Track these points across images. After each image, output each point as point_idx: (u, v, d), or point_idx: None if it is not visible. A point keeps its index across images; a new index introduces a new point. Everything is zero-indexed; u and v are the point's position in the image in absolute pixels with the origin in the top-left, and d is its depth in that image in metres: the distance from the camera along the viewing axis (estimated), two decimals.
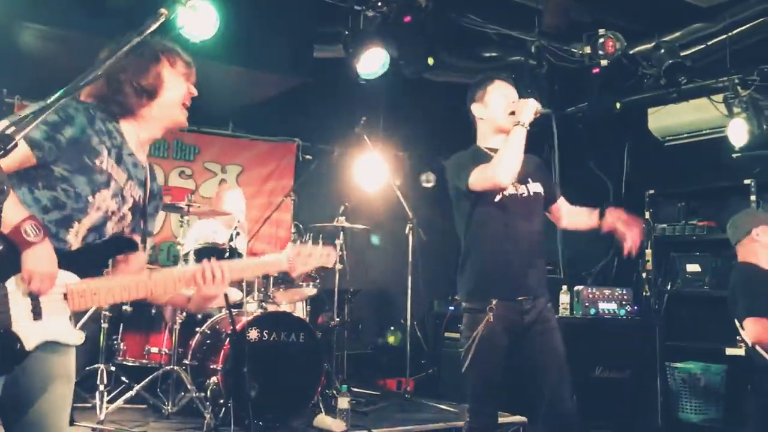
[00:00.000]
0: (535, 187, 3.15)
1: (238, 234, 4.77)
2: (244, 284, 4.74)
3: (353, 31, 5.05)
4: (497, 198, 3.01)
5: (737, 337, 5.68)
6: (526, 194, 3.10)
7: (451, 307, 6.67)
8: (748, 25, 5.44)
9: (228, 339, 4.19)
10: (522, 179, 3.08)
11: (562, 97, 5.90)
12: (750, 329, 3.70)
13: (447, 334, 6.24)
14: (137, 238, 2.21)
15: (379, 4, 4.97)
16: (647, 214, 6.31)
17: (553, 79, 5.81)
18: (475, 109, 3.22)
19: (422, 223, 5.77)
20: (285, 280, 4.91)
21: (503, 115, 3.11)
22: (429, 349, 6.44)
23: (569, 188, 3.42)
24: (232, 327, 4.17)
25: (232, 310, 4.39)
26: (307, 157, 6.37)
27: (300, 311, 5.19)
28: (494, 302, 2.92)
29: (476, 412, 2.99)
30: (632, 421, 5.36)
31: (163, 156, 6.13)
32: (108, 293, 2.00)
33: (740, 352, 5.53)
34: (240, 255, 4.70)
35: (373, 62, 5.05)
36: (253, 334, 4.28)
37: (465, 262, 3.09)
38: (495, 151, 3.07)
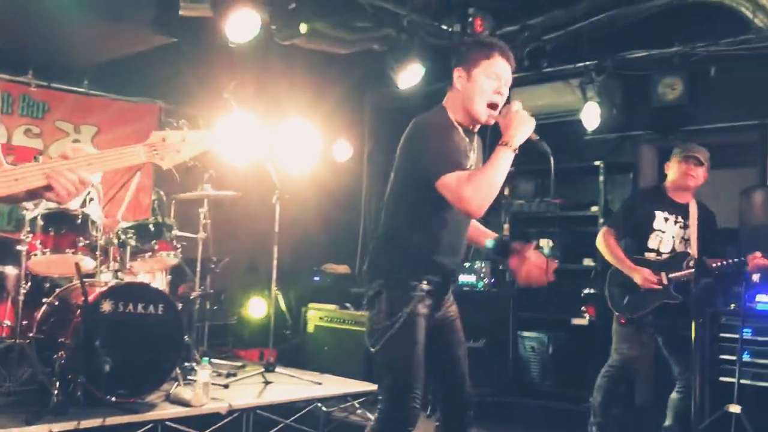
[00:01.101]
0: None
1: (92, 200, 4.44)
2: (98, 252, 4.42)
3: None
4: None
5: (581, 308, 6.07)
6: None
7: (316, 278, 6.64)
8: (603, 15, 5.71)
9: (79, 311, 3.90)
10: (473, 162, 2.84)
11: (432, 71, 5.93)
12: (598, 237, 4.42)
13: (311, 305, 6.20)
14: None
15: None
16: (506, 191, 6.53)
17: (424, 54, 5.82)
18: (457, 75, 2.79)
19: (289, 192, 5.62)
20: (143, 249, 4.63)
21: (481, 104, 2.73)
22: (293, 320, 6.36)
23: None
24: (83, 298, 3.89)
25: (84, 280, 4.10)
26: (170, 120, 6.00)
27: (159, 281, 4.93)
28: (425, 282, 2.74)
29: (399, 394, 2.71)
30: (487, 387, 5.57)
31: (6, 112, 5.57)
32: None
33: (584, 321, 5.91)
34: (93, 222, 4.38)
35: (242, 25, 4.82)
36: (106, 306, 4.01)
37: (401, 237, 2.80)
38: (467, 132, 2.79)
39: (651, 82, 5.62)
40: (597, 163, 6.13)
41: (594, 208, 6.10)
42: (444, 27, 5.71)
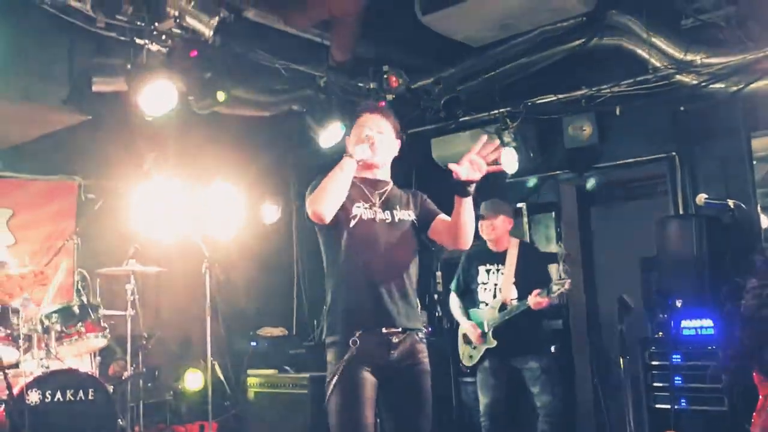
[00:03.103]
0: (403, 215, 3.01)
1: None
2: (21, 341, 4.25)
3: (136, 65, 4.78)
4: (352, 224, 2.87)
5: None
6: (389, 220, 2.96)
7: (254, 343, 6.53)
8: (512, 64, 5.97)
9: (3, 406, 3.73)
10: (387, 206, 2.98)
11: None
12: None
13: (250, 372, 6.08)
14: None
15: (164, 37, 4.76)
16: None
17: (343, 112, 5.93)
18: (347, 143, 3.10)
19: (219, 260, 5.57)
20: (68, 333, 4.49)
21: (356, 149, 2.97)
22: (232, 390, 6.21)
23: None
24: (7, 391, 3.72)
25: (7, 371, 3.93)
26: (90, 196, 5.91)
27: (88, 365, 4.78)
28: (358, 334, 2.76)
29: None
30: None
31: None
32: None
33: None
34: (14, 310, 4.23)
35: (158, 98, 4.81)
36: (33, 396, 3.86)
37: (328, 294, 2.94)
38: (363, 180, 3.00)
39: (562, 124, 5.87)
40: (520, 205, 6.32)
41: None
42: (360, 84, 5.85)
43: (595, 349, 6.01)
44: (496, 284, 4.82)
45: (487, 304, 4.83)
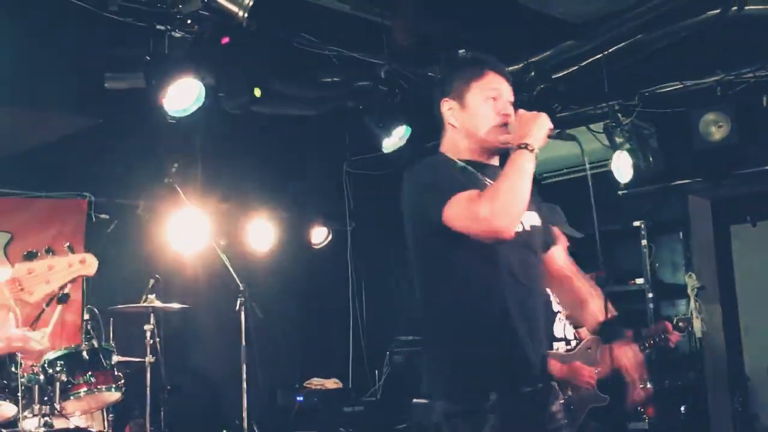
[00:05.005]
0: (531, 218, 2.73)
1: None
2: (19, 394, 4.37)
3: (156, 56, 4.90)
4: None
5: (638, 408, 6.01)
6: (521, 229, 2.63)
7: (300, 398, 6.57)
8: (624, 43, 5.86)
9: None
10: None
11: (421, 130, 6.04)
12: None
13: None
14: None
15: (189, 22, 4.87)
16: None
17: (409, 109, 5.94)
18: (448, 109, 2.75)
19: (256, 294, 5.63)
20: (75, 384, 4.60)
21: (490, 127, 2.68)
22: None
23: None
24: None
25: (3, 431, 4.06)
26: (103, 216, 6.08)
27: (99, 423, 4.89)
28: (494, 397, 2.45)
29: None
30: None
31: None
32: None
33: (643, 425, 5.84)
34: (11, 356, 4.36)
35: (183, 95, 4.92)
36: None
37: (438, 336, 2.60)
38: (479, 167, 2.70)
39: (691, 119, 5.74)
40: (637, 223, 6.19)
41: (639, 280, 6.11)
42: (431, 74, 5.84)
43: (740, 410, 5.82)
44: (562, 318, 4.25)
45: (567, 341, 4.19)
